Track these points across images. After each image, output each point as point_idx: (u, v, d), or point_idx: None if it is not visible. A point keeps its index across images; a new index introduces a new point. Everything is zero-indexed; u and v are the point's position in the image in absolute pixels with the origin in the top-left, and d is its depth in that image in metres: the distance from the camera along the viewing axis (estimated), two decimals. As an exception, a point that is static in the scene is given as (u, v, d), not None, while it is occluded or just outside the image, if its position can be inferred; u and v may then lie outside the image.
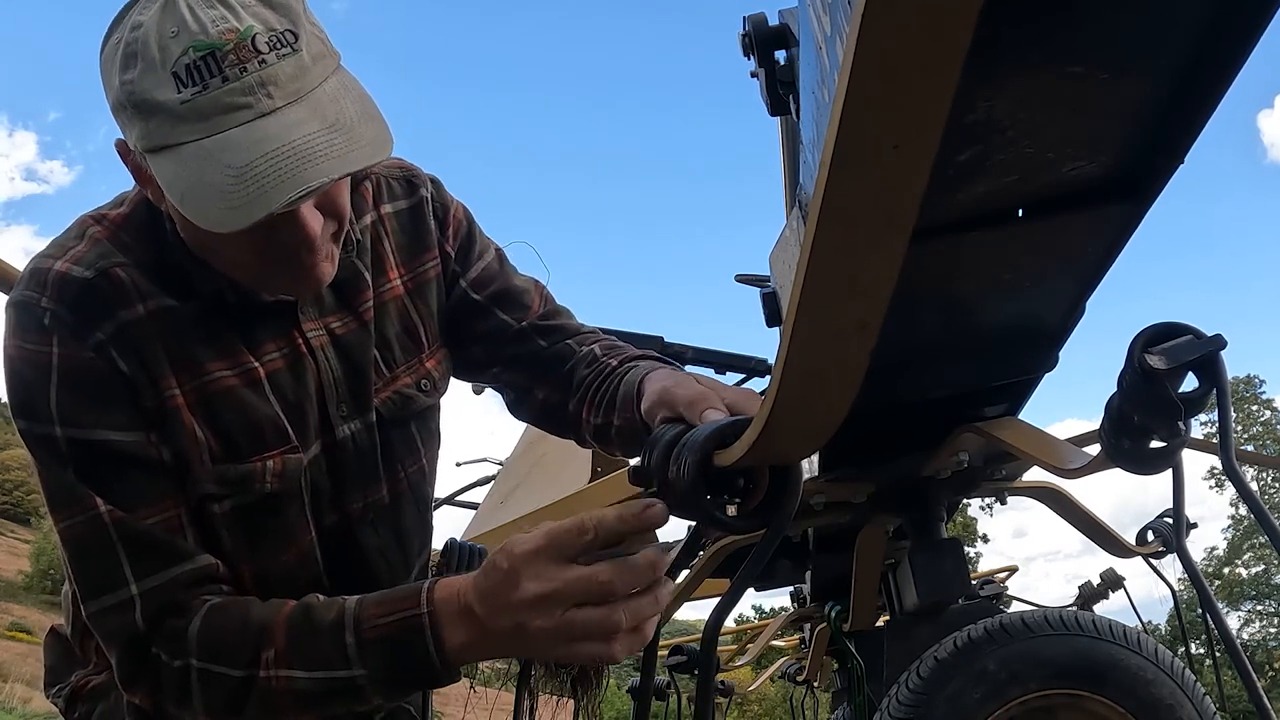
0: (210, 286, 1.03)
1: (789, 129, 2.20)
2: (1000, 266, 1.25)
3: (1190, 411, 1.08)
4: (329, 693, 0.92)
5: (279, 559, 1.07)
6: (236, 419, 1.03)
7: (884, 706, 1.59)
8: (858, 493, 1.87)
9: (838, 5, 0.90)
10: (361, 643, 0.91)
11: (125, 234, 1.02)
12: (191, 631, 0.95)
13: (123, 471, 0.98)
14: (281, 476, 1.05)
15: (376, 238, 1.17)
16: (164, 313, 1.00)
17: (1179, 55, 0.90)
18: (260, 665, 0.92)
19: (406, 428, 1.18)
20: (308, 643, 0.92)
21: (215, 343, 1.03)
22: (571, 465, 2.71)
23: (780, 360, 0.65)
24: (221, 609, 0.97)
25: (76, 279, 0.98)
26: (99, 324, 0.97)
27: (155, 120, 0.88)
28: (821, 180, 0.50)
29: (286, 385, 1.07)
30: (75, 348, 0.96)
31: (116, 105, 0.92)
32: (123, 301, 0.99)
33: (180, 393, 1.01)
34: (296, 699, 0.92)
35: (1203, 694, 1.53)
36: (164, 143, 0.89)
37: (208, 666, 0.93)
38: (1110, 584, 3.32)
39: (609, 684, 3.68)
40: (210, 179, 0.87)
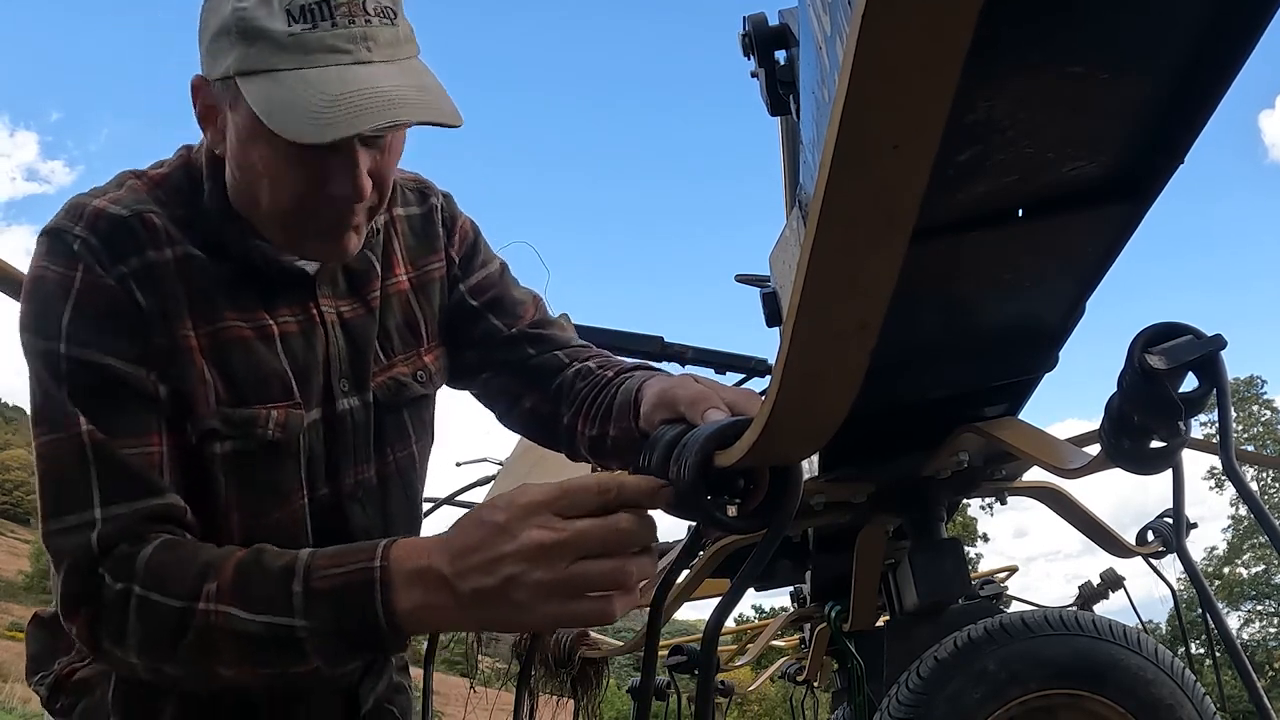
0: (240, 248, 1.08)
1: (789, 129, 2.20)
2: (1000, 266, 1.25)
3: (1190, 411, 1.08)
4: (267, 640, 0.87)
5: (270, 515, 1.08)
6: (246, 367, 1.06)
7: (884, 706, 1.59)
8: (858, 493, 1.87)
9: (838, 5, 0.90)
10: (309, 592, 0.87)
11: (162, 190, 1.08)
12: (141, 558, 0.93)
13: (115, 399, 1.00)
14: (284, 427, 1.08)
15: (389, 236, 1.23)
16: (190, 260, 1.06)
17: (1179, 55, 0.90)
18: (201, 598, 0.89)
19: (399, 414, 1.21)
20: (254, 583, 0.89)
21: (235, 298, 1.08)
22: (571, 466, 2.71)
23: (780, 360, 0.65)
24: (175, 544, 0.96)
25: (111, 215, 1.03)
26: (126, 258, 1.02)
27: (258, 46, 0.96)
28: (821, 180, 0.50)
29: (297, 348, 1.11)
30: (98, 275, 1.01)
31: (221, 30, 0.99)
32: (152, 243, 1.04)
33: (195, 335, 1.04)
34: (234, 641, 0.88)
35: (1203, 694, 1.53)
36: (263, 67, 0.96)
37: (148, 594, 0.91)
38: (1110, 584, 3.33)
39: (609, 684, 3.68)
40: (303, 100, 0.94)
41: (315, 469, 1.13)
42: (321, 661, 0.88)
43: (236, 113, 1.01)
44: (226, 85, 1.00)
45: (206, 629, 0.89)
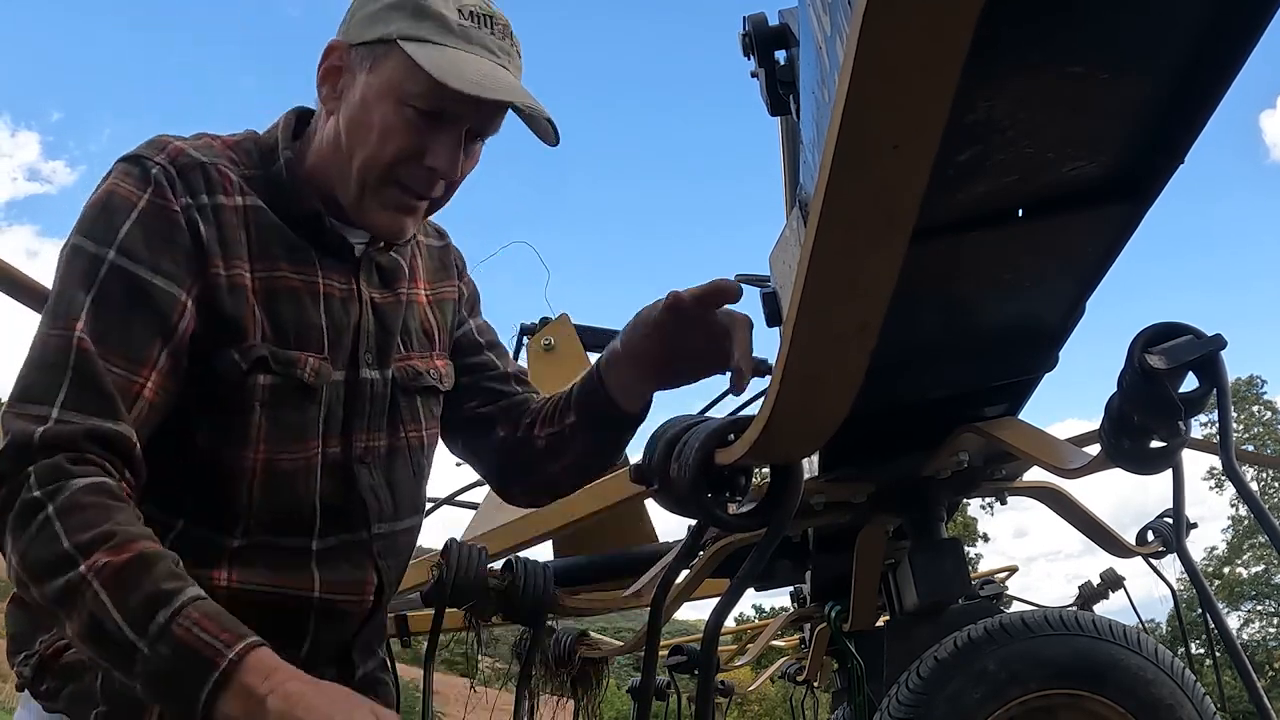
0: (305, 210, 1.18)
1: (789, 129, 2.20)
2: (1000, 266, 1.25)
3: (1190, 411, 1.08)
4: (111, 639, 0.90)
5: (288, 457, 1.15)
6: (292, 314, 1.15)
7: (884, 706, 1.59)
8: (858, 493, 1.87)
9: (838, 5, 0.90)
10: (166, 631, 0.90)
11: (234, 152, 1.19)
12: (69, 485, 0.95)
13: (128, 318, 1.05)
14: (317, 374, 1.16)
15: (413, 253, 1.35)
16: (255, 211, 1.16)
17: (1179, 55, 0.90)
18: (89, 561, 0.92)
19: (413, 397, 1.30)
20: (136, 585, 0.92)
21: (291, 252, 1.17)
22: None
23: (780, 360, 0.65)
24: (105, 489, 0.97)
25: (191, 155, 1.13)
26: (196, 194, 1.11)
27: (428, 23, 1.13)
28: (821, 180, 0.50)
29: (336, 310, 1.20)
30: (168, 199, 1.09)
31: (392, 4, 1.15)
32: (224, 190, 1.14)
33: (250, 275, 1.13)
34: (89, 618, 0.91)
35: (1203, 694, 1.53)
36: (430, 38, 1.13)
37: (53, 522, 0.93)
38: (1110, 584, 3.32)
39: (609, 684, 3.68)
40: (465, 68, 1.12)
41: (332, 424, 1.19)
42: (141, 685, 0.91)
43: (373, 74, 1.15)
44: (373, 49, 1.15)
45: (77, 590, 0.91)
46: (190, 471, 1.11)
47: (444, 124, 1.15)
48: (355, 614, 1.23)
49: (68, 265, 1.07)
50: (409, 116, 1.13)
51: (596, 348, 3.39)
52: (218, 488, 1.11)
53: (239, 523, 1.13)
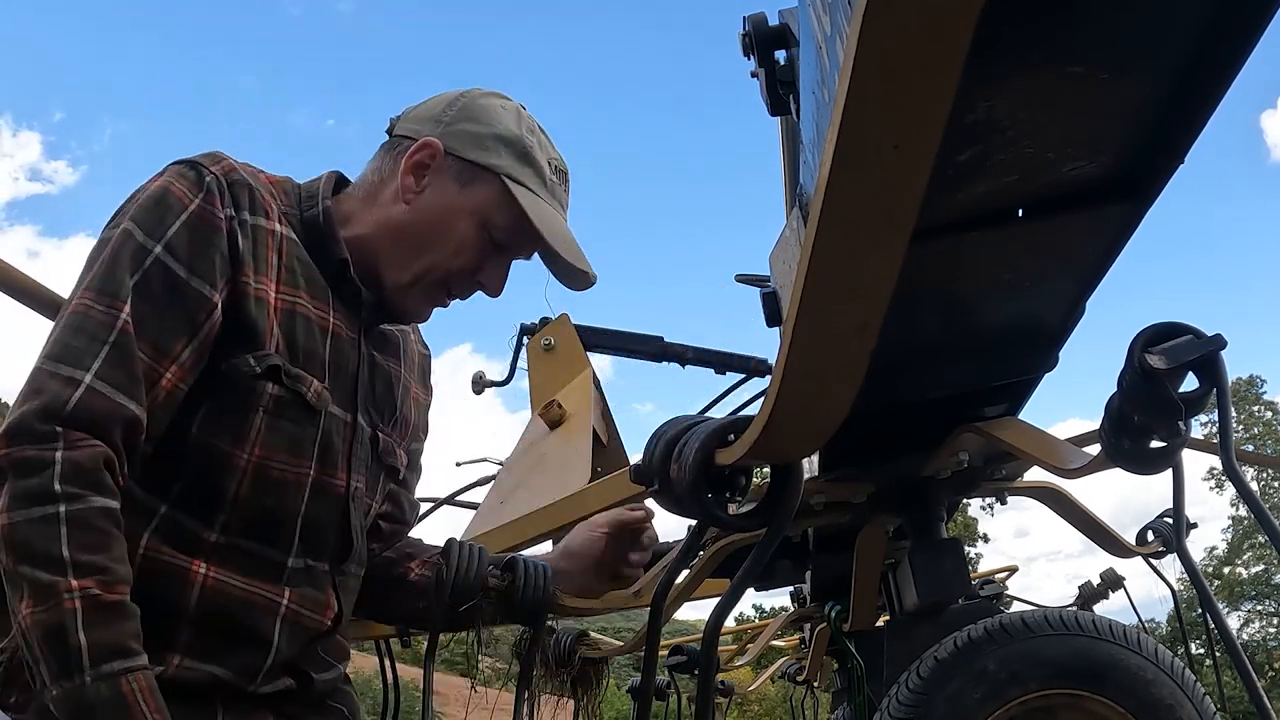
0: (335, 256, 1.28)
1: (789, 129, 2.19)
2: (1000, 266, 1.24)
3: (1190, 411, 1.08)
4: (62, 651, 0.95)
5: (280, 469, 1.20)
6: (304, 340, 1.22)
7: (884, 706, 1.59)
8: (858, 493, 1.87)
9: (838, 5, 0.90)
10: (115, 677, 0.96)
11: (275, 188, 1.29)
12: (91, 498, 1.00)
13: (166, 312, 1.11)
14: (319, 397, 1.23)
15: (407, 341, 1.48)
16: (289, 241, 1.24)
17: (1179, 55, 0.90)
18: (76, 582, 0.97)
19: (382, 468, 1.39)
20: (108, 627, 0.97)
21: (312, 286, 1.25)
22: (571, 465, 2.71)
23: (781, 360, 0.65)
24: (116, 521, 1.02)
25: (241, 175, 1.22)
26: (240, 209, 1.19)
27: (528, 171, 1.31)
28: (821, 180, 0.50)
29: (341, 350, 1.28)
30: (216, 208, 1.17)
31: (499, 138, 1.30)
32: (265, 214, 1.22)
33: (274, 294, 1.20)
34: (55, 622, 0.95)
35: (1203, 694, 1.52)
36: (526, 184, 1.30)
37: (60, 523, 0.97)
38: (1110, 584, 3.32)
39: (609, 684, 3.68)
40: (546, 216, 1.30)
41: (330, 454, 1.25)
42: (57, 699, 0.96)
43: (467, 192, 1.29)
44: (474, 170, 1.29)
45: (56, 594, 0.96)
46: (182, 458, 1.14)
47: (502, 252, 1.32)
48: (314, 630, 1.26)
49: (118, 246, 1.12)
50: (484, 240, 1.29)
51: (596, 348, 3.39)
52: (207, 479, 1.15)
53: (219, 516, 1.16)
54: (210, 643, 1.15)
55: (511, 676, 2.33)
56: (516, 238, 1.30)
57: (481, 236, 1.29)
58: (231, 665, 1.16)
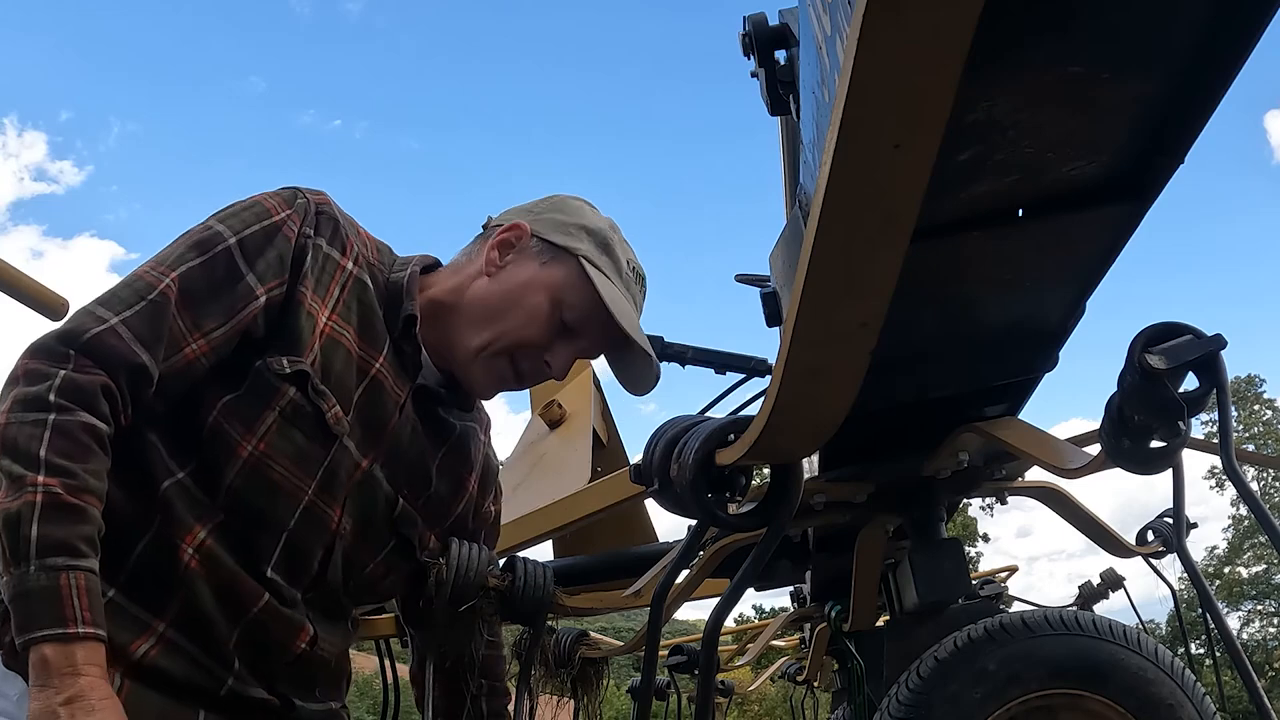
0: (406, 313, 1.32)
1: (789, 129, 2.20)
2: (1000, 266, 1.24)
3: (1191, 411, 1.08)
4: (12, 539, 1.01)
5: (277, 473, 1.21)
6: (339, 369, 1.25)
7: (884, 706, 1.59)
8: (858, 493, 1.87)
9: (838, 5, 0.90)
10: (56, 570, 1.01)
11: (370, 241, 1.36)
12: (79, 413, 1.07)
13: (216, 293, 1.18)
14: (339, 422, 1.24)
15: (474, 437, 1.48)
16: (359, 283, 1.29)
17: (1179, 55, 0.90)
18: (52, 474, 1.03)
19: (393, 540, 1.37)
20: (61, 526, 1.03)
21: (367, 330, 1.29)
22: (571, 465, 2.71)
23: (781, 360, 0.65)
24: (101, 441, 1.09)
25: (333, 211, 1.30)
26: (319, 235, 1.26)
27: (606, 260, 1.37)
28: (821, 180, 0.50)
29: (380, 400, 1.30)
30: (298, 226, 1.25)
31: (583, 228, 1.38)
32: (343, 250, 1.29)
33: (325, 319, 1.25)
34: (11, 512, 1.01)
35: (1203, 694, 1.52)
36: (603, 269, 1.36)
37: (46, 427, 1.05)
38: (1110, 584, 3.32)
39: (609, 684, 3.68)
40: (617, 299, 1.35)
41: (332, 485, 1.26)
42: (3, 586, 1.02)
43: (546, 269, 1.35)
44: (556, 251, 1.36)
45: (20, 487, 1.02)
46: (200, 440, 1.19)
47: (572, 336, 1.35)
48: (282, 648, 1.25)
49: (195, 233, 1.21)
50: (555, 318, 1.33)
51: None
52: (211, 462, 1.19)
53: (217, 494, 1.19)
54: (192, 620, 1.16)
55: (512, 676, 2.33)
56: (587, 318, 1.35)
57: (554, 312, 1.34)
58: (207, 649, 1.18)
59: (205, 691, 1.19)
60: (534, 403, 3.30)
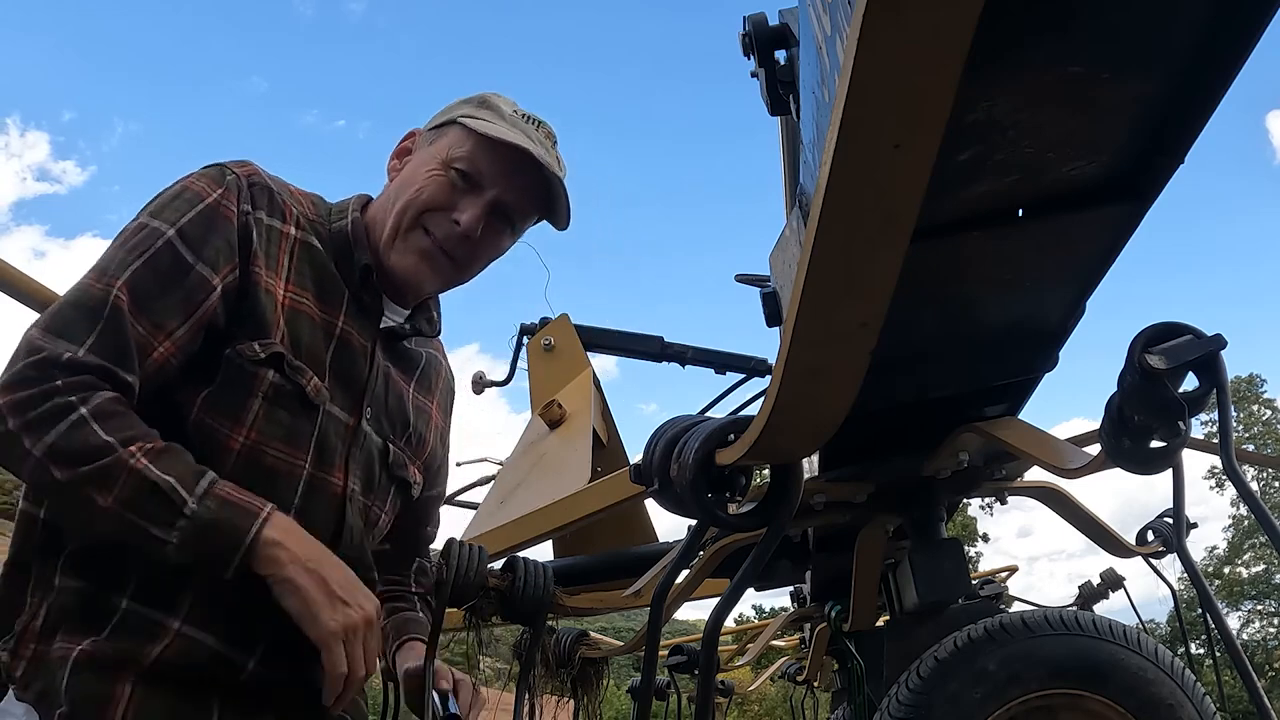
0: (359, 263, 1.33)
1: (789, 129, 2.20)
2: (1000, 266, 1.24)
3: (1190, 411, 1.08)
4: (159, 494, 1.07)
5: (272, 457, 1.24)
6: (306, 338, 1.27)
7: (884, 706, 1.59)
8: (858, 493, 1.87)
9: (838, 5, 0.90)
10: (210, 491, 1.09)
11: (304, 198, 1.35)
12: (99, 393, 1.09)
13: (166, 289, 1.16)
14: (319, 393, 1.27)
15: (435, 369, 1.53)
16: (305, 246, 1.30)
17: (1179, 55, 0.90)
18: (129, 447, 1.07)
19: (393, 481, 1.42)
20: (175, 460, 1.10)
21: (324, 291, 1.30)
22: (571, 465, 2.71)
23: (781, 360, 0.65)
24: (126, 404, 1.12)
25: (264, 179, 1.29)
26: (257, 208, 1.25)
27: (486, 111, 1.38)
28: (822, 180, 0.50)
29: (349, 356, 1.32)
30: (233, 203, 1.23)
31: (465, 101, 1.40)
32: (282, 217, 1.28)
33: (282, 292, 1.25)
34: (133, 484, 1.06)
35: (1203, 694, 1.52)
36: (486, 119, 1.36)
37: (89, 420, 1.06)
38: (1110, 584, 3.32)
39: (609, 684, 3.68)
40: (500, 130, 1.35)
41: (327, 453, 1.28)
42: (176, 540, 1.08)
43: (431, 147, 1.37)
44: (439, 129, 1.39)
45: (115, 469, 1.06)
46: (184, 440, 1.17)
47: (476, 189, 1.35)
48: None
49: (131, 233, 1.19)
50: (450, 176, 1.34)
51: (596, 348, 3.39)
52: (203, 460, 1.17)
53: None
54: (210, 609, 1.16)
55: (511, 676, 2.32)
56: (476, 163, 1.34)
57: (444, 169, 1.35)
58: (228, 637, 1.18)
59: (223, 681, 1.18)
60: (534, 403, 3.30)
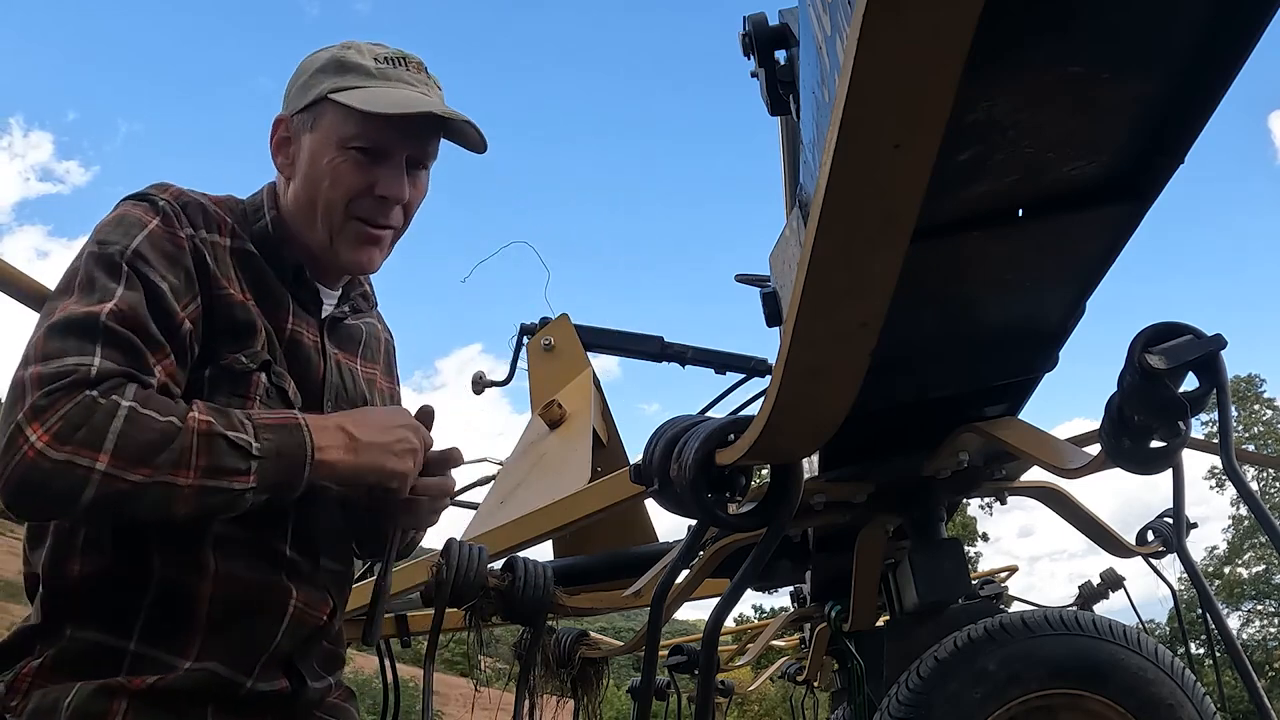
0: (290, 263, 1.32)
1: (789, 129, 2.20)
2: (1000, 266, 1.25)
3: (1190, 411, 1.08)
4: (232, 446, 1.09)
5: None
6: (271, 344, 1.27)
7: (884, 706, 1.59)
8: (858, 493, 1.87)
9: (838, 5, 0.90)
10: (258, 426, 1.13)
11: (224, 207, 1.31)
12: (128, 389, 1.07)
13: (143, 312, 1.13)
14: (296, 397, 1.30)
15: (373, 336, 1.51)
16: (246, 255, 1.29)
17: (1179, 55, 0.90)
18: (188, 421, 1.08)
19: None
20: (223, 414, 1.12)
21: (270, 298, 1.30)
22: (571, 465, 2.71)
23: (781, 360, 0.65)
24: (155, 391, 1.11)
25: (192, 196, 1.27)
26: (198, 228, 1.24)
27: (350, 75, 1.29)
28: (822, 180, 0.50)
29: (304, 357, 1.33)
30: (173, 227, 1.21)
31: (318, 69, 1.31)
32: (219, 230, 1.27)
33: (245, 302, 1.25)
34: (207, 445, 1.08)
35: (1203, 694, 1.52)
36: (353, 85, 1.29)
37: (139, 409, 1.05)
38: (1110, 584, 3.32)
39: (609, 684, 3.68)
40: (389, 96, 1.28)
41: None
42: (256, 479, 1.11)
43: (315, 131, 1.30)
44: (311, 111, 1.30)
45: (188, 435, 1.07)
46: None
47: (384, 158, 1.30)
48: (313, 626, 1.28)
49: (88, 263, 1.15)
50: (353, 158, 1.28)
51: (596, 348, 3.39)
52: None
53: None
54: (216, 639, 1.17)
55: (511, 676, 2.33)
56: (373, 135, 1.28)
57: (347, 156, 1.29)
58: (231, 660, 1.18)
59: (219, 696, 1.18)
60: (534, 403, 3.30)
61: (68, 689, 1.10)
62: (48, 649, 1.14)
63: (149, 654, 1.13)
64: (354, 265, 1.35)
